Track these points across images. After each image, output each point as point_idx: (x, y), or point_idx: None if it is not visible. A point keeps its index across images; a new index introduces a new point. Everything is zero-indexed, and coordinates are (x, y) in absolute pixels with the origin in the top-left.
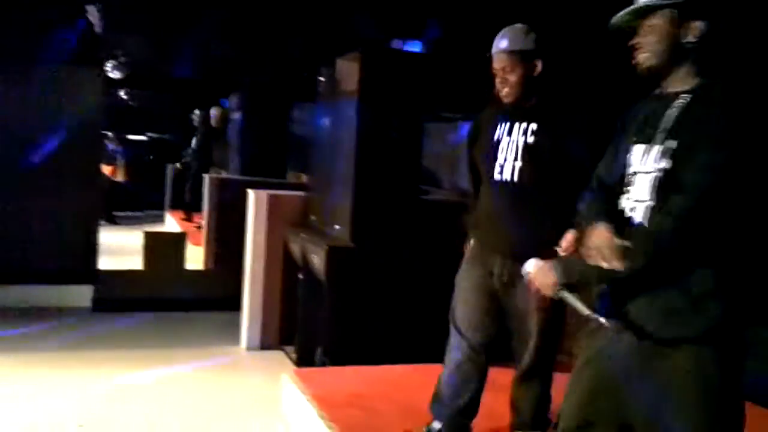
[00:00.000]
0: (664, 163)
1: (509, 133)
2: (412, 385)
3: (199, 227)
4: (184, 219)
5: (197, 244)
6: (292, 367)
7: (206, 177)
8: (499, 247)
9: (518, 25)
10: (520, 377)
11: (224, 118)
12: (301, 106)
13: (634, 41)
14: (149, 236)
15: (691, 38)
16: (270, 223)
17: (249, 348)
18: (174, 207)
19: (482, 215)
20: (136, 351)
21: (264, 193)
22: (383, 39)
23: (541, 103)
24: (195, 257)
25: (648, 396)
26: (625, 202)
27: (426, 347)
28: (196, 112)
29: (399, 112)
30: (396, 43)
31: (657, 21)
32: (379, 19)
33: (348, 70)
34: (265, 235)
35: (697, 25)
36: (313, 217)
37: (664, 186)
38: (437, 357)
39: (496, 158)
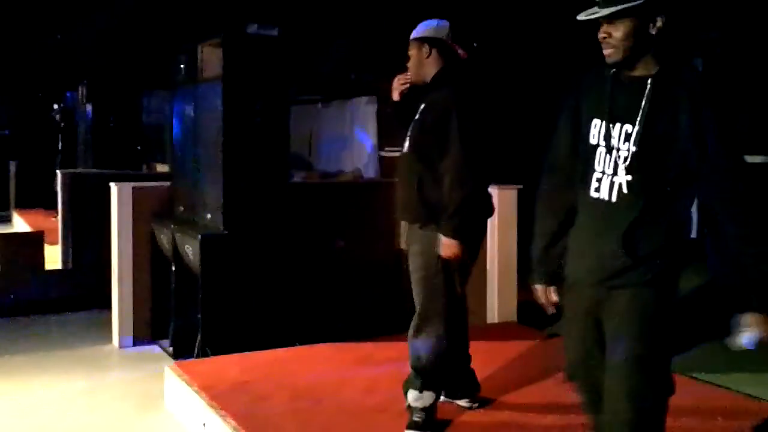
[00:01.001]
0: (631, 145)
1: None
2: (295, 366)
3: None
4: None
5: (53, 242)
6: (169, 361)
7: (58, 173)
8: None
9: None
10: None
11: (66, 113)
12: (150, 95)
13: (603, 35)
14: (4, 238)
15: (653, 31)
16: (135, 217)
17: (122, 345)
18: (20, 206)
19: None
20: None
21: (128, 186)
22: (236, 23)
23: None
24: (52, 256)
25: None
26: (592, 175)
27: (303, 329)
28: (55, 106)
29: (264, 97)
30: (251, 28)
31: (625, 19)
32: (231, 3)
33: (210, 56)
34: (131, 228)
35: (658, 20)
36: (180, 208)
37: (632, 165)
38: (315, 338)
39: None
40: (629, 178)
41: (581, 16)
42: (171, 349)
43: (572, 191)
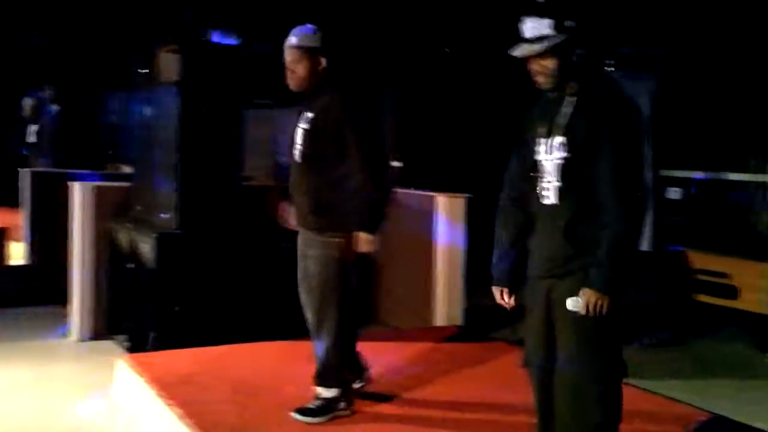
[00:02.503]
0: (564, 152)
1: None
2: (240, 362)
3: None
4: None
5: (17, 239)
6: (124, 354)
7: (21, 171)
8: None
9: (310, 25)
10: None
11: (35, 109)
12: (113, 96)
13: (536, 67)
14: None
15: (574, 59)
16: (95, 215)
17: (80, 339)
18: None
19: None
20: None
21: (88, 185)
22: (199, 30)
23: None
24: (15, 253)
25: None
26: (540, 184)
27: (251, 326)
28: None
29: (218, 102)
30: (214, 35)
31: (553, 54)
32: (195, 10)
33: (167, 61)
34: (90, 226)
35: (578, 51)
36: (138, 207)
37: (566, 170)
38: (264, 335)
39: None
40: (565, 181)
41: (516, 54)
42: (127, 344)
43: (524, 204)
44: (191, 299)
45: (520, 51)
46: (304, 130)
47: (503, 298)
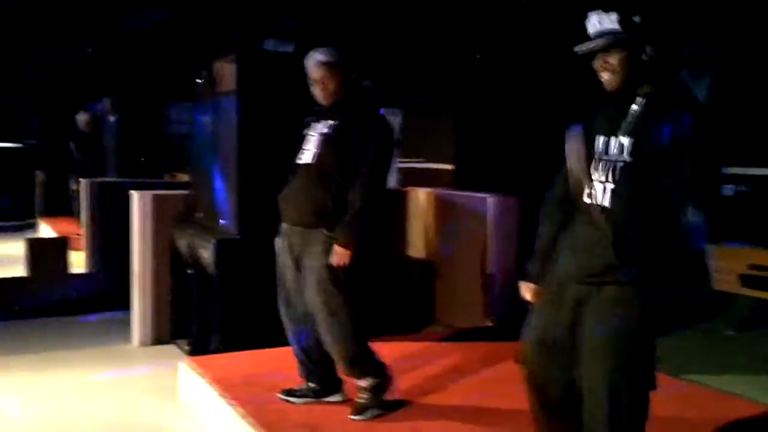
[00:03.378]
0: (626, 155)
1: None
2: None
3: (78, 234)
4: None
5: (78, 248)
6: (186, 358)
7: (82, 182)
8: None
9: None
10: None
11: (92, 122)
12: (176, 106)
13: (601, 63)
14: (32, 243)
15: (644, 58)
16: (155, 222)
17: (142, 344)
18: (46, 214)
19: None
20: (29, 356)
21: (148, 194)
22: (256, 40)
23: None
24: (77, 262)
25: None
26: (593, 185)
27: None
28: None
29: (277, 109)
30: (269, 44)
31: (618, 48)
32: (250, 20)
33: (226, 71)
34: (151, 234)
35: (648, 48)
36: (199, 214)
37: (626, 174)
38: None
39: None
40: (622, 185)
41: (580, 49)
42: (188, 347)
43: (569, 204)
44: (251, 302)
45: (583, 47)
46: (325, 134)
47: (527, 293)
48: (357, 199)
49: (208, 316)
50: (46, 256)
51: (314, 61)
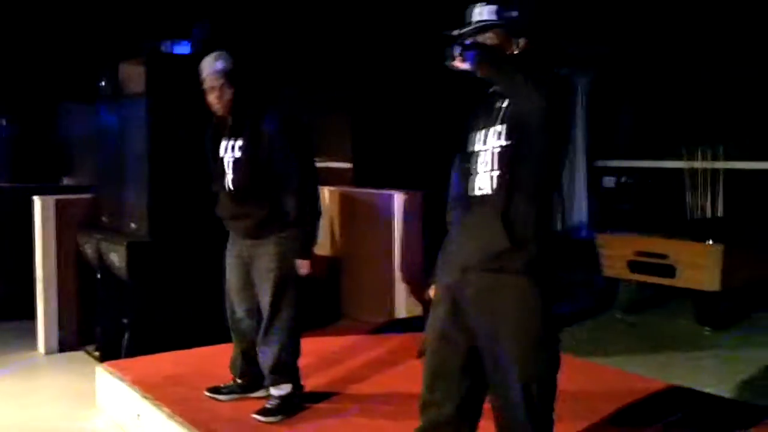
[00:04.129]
0: (503, 140)
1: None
2: (221, 362)
3: None
4: None
5: None
6: (95, 363)
7: None
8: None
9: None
10: None
11: None
12: (67, 108)
13: None
14: None
15: (516, 50)
16: (59, 227)
17: (48, 352)
18: None
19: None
20: None
21: (50, 199)
22: (152, 41)
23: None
24: None
25: (485, 320)
26: (475, 176)
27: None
28: None
29: (184, 112)
30: (165, 45)
31: (491, 36)
32: (146, 20)
33: (132, 74)
34: (54, 239)
35: (521, 41)
36: (104, 218)
37: (505, 158)
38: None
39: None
40: (501, 171)
41: (449, 32)
42: (98, 353)
43: (462, 198)
44: (163, 305)
45: (454, 31)
46: (237, 159)
47: (430, 291)
48: (296, 210)
49: (118, 320)
50: None
51: (209, 69)
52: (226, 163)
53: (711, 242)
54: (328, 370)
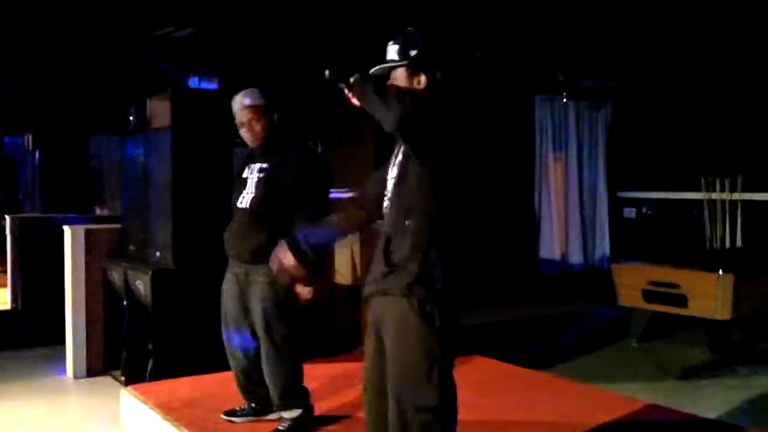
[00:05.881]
0: (396, 171)
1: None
2: None
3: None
4: None
5: (2, 285)
6: (121, 388)
7: (7, 217)
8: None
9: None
10: None
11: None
12: (97, 140)
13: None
14: None
15: (419, 87)
16: (88, 256)
17: (76, 376)
18: None
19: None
20: None
21: (80, 228)
22: (179, 76)
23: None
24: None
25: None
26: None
27: None
28: None
29: (208, 144)
30: (193, 81)
31: (398, 74)
32: (174, 57)
33: (158, 108)
34: (83, 267)
35: (422, 78)
36: (132, 247)
37: (395, 186)
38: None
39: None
40: (393, 196)
41: (373, 72)
42: (123, 378)
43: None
44: (186, 331)
45: (373, 70)
46: (260, 179)
47: None
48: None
49: (144, 346)
50: None
51: (240, 105)
52: (246, 182)
53: (721, 272)
54: (340, 394)
